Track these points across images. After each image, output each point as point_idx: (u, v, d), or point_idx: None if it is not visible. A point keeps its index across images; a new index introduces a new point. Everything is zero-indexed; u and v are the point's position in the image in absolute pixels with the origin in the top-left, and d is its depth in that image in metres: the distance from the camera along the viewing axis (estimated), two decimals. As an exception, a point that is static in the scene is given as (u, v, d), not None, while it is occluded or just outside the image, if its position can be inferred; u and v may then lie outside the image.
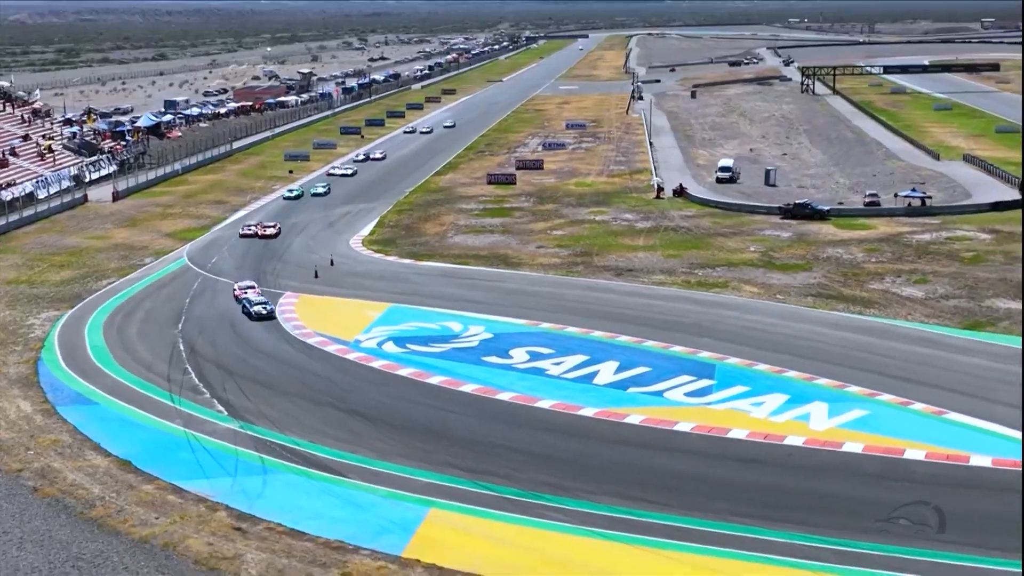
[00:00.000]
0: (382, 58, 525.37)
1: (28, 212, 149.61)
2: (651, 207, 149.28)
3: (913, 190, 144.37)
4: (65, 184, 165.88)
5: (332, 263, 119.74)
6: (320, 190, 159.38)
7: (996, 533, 56.46)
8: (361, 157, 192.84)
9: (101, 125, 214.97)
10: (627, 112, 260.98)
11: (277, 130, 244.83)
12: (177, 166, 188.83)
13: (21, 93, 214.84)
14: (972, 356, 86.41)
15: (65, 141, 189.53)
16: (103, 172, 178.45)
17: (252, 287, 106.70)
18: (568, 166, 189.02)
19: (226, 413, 77.65)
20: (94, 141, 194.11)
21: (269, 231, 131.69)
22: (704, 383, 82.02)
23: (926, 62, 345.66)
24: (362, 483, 66.25)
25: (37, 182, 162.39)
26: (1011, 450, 67.26)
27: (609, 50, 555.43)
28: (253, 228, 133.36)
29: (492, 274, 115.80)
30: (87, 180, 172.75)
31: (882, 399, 77.67)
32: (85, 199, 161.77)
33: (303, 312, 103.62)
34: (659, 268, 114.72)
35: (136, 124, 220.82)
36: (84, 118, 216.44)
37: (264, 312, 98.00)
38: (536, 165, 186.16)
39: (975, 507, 60.98)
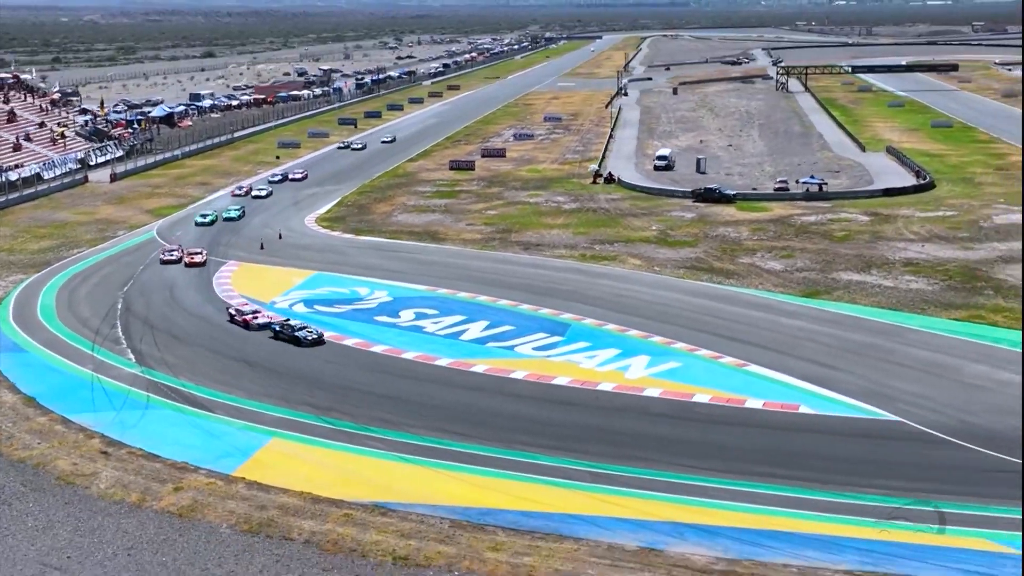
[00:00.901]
0: (409, 56, 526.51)
1: (29, 191, 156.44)
2: (584, 191, 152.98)
3: (812, 177, 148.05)
4: (70, 166, 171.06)
5: (280, 236, 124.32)
6: (233, 214, 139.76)
7: (756, 463, 62.35)
8: (278, 178, 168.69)
9: (115, 115, 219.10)
10: (607, 107, 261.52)
11: (281, 120, 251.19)
12: (178, 152, 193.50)
13: (41, 84, 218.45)
14: (796, 319, 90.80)
15: (78, 128, 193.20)
16: (108, 156, 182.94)
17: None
18: (529, 154, 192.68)
19: (134, 360, 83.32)
20: (105, 128, 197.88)
21: (196, 258, 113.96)
22: (554, 339, 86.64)
23: (904, 62, 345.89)
24: (224, 417, 72.07)
25: (44, 164, 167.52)
26: (782, 394, 74.19)
27: (620, 50, 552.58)
28: (176, 254, 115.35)
29: (416, 247, 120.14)
30: (92, 163, 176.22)
31: (698, 353, 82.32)
32: (86, 180, 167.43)
33: (237, 278, 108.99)
34: (564, 243, 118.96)
35: (150, 114, 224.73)
36: (98, 108, 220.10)
37: (313, 337, 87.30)
38: (499, 153, 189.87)
39: (742, 441, 66.62)
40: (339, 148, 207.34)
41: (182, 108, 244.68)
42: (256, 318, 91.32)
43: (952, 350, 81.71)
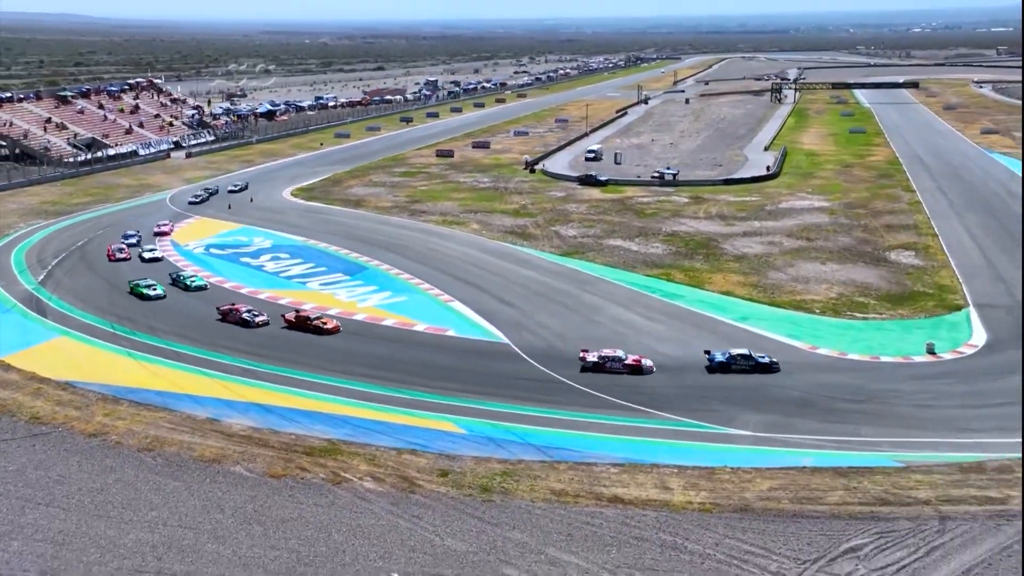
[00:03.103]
0: (524, 72, 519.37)
1: (113, 162, 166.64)
2: (510, 175, 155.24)
3: (667, 168, 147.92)
4: (164, 147, 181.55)
5: (251, 200, 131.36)
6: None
7: (429, 378, 65.19)
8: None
9: (217, 109, 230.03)
10: (618, 112, 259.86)
11: (363, 117, 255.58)
12: (254, 138, 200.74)
13: (167, 87, 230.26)
14: (530, 270, 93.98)
15: (185, 120, 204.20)
16: (200, 140, 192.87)
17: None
18: (508, 147, 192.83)
19: (37, 282, 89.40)
20: (207, 121, 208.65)
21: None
22: (343, 278, 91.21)
23: (900, 80, 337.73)
24: (43, 319, 78.16)
25: (141, 144, 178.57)
26: (447, 321, 78.30)
27: (694, 68, 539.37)
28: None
29: (337, 211, 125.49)
30: (184, 145, 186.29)
31: (432, 293, 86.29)
32: (167, 156, 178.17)
33: (186, 228, 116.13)
34: (444, 211, 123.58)
35: (255, 110, 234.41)
36: (205, 106, 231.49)
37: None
38: (485, 145, 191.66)
39: (441, 360, 68.93)
40: (368, 133, 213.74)
41: (282, 106, 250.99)
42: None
43: (612, 296, 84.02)
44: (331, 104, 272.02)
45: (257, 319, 74.53)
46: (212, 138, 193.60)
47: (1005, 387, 61.24)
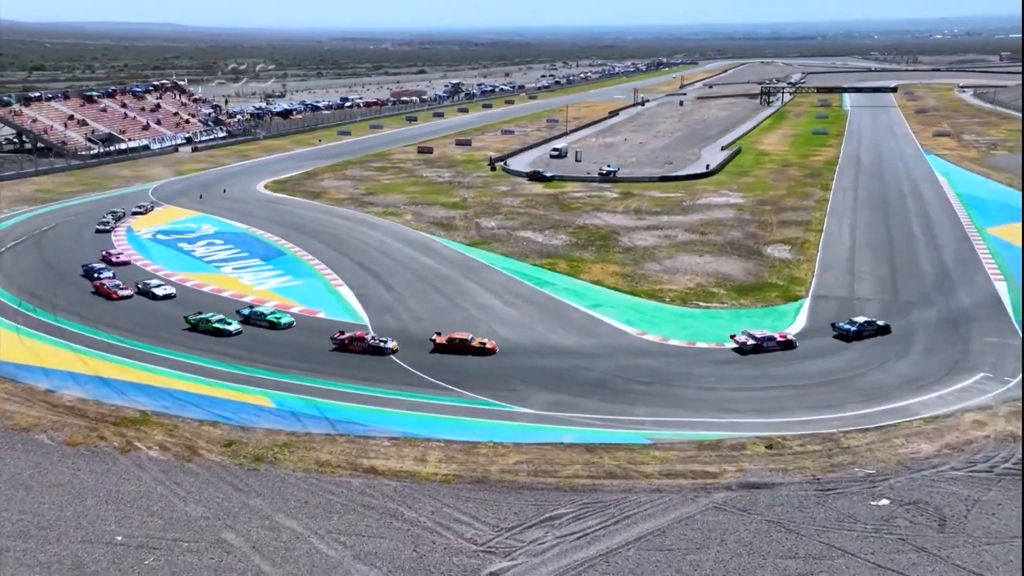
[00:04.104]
0: (550, 75, 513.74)
1: (121, 154, 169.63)
2: (470, 170, 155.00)
3: (608, 165, 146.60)
4: (176, 142, 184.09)
5: (224, 191, 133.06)
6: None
7: (270, 355, 65.39)
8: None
9: (235, 108, 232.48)
10: (610, 113, 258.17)
11: (368, 116, 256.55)
12: (261, 134, 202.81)
13: (189, 88, 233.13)
14: (429, 258, 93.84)
15: (202, 117, 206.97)
16: (212, 136, 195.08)
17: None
18: (487, 145, 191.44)
19: None
20: (222, 118, 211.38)
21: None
22: (257, 263, 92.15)
23: (893, 84, 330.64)
24: None
25: (154, 139, 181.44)
26: (323, 304, 78.32)
27: (707, 72, 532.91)
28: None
29: (292, 202, 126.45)
30: (197, 140, 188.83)
31: (328, 278, 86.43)
32: (175, 150, 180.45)
33: (152, 216, 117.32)
34: (388, 203, 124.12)
35: (273, 110, 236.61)
36: (223, 104, 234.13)
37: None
38: (467, 143, 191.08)
39: (292, 339, 69.54)
40: (371, 130, 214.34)
41: (298, 106, 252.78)
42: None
43: (489, 283, 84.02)
44: (347, 104, 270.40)
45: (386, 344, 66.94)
46: (224, 134, 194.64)
47: (787, 372, 60.76)
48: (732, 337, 65.69)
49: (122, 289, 77.97)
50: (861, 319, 67.35)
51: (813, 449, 49.67)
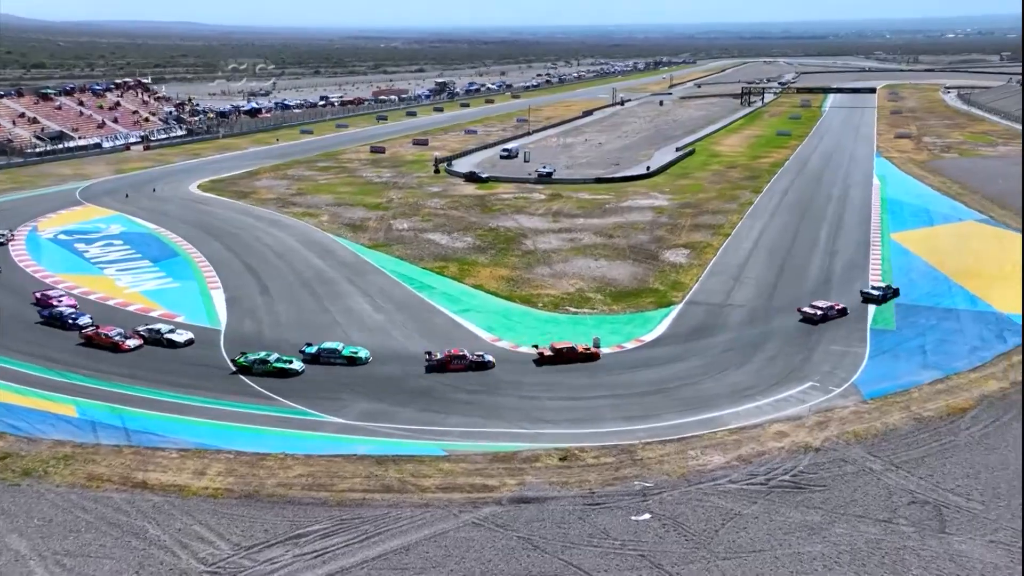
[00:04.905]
0: (547, 74, 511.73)
1: (66, 151, 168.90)
2: (412, 170, 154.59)
3: (544, 167, 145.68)
4: (130, 140, 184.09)
5: (154, 190, 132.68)
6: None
7: (104, 361, 65.15)
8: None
9: (204, 106, 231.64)
10: (584, 113, 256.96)
11: (336, 116, 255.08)
12: (221, 132, 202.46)
13: (154, 87, 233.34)
14: (322, 260, 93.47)
15: (163, 115, 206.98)
16: (172, 135, 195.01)
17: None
18: (446, 144, 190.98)
19: None
20: (183, 117, 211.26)
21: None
22: (145, 264, 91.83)
23: (876, 86, 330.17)
24: None
25: (107, 137, 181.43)
26: (183, 307, 77.35)
27: (704, 71, 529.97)
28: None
29: (217, 202, 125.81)
30: (153, 139, 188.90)
31: (207, 280, 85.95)
32: (127, 148, 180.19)
33: (66, 214, 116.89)
34: (311, 204, 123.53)
35: (241, 108, 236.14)
36: (187, 102, 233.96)
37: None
38: (423, 143, 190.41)
39: (152, 350, 68.16)
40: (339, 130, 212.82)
41: (268, 104, 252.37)
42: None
43: (368, 287, 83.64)
44: (320, 103, 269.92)
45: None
46: (184, 133, 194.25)
47: (618, 381, 59.93)
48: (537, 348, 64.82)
49: (129, 338, 68.32)
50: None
51: (605, 461, 48.78)
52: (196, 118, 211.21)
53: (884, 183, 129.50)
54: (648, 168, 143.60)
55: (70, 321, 70.52)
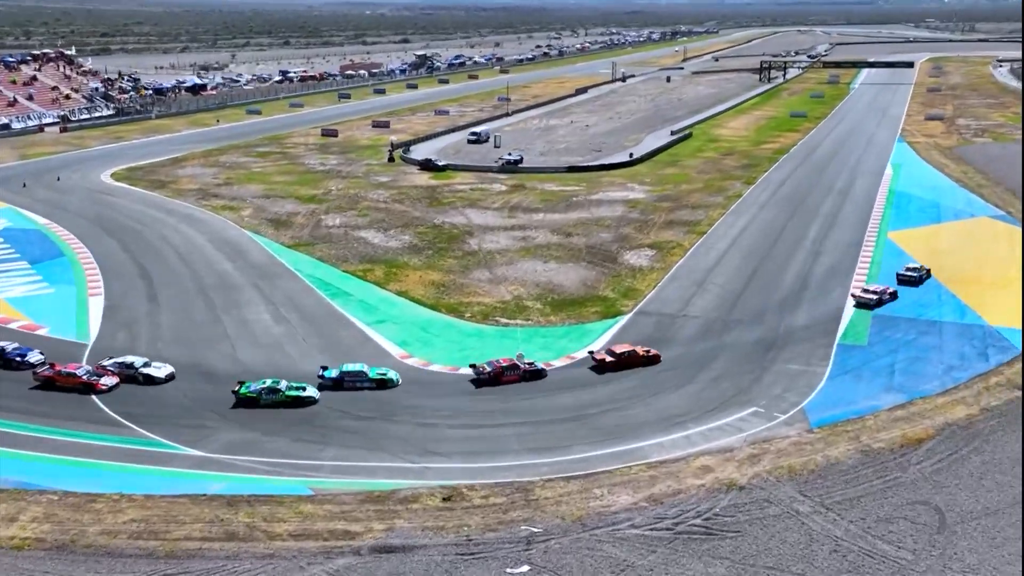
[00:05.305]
0: (548, 46, 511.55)
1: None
2: (369, 157, 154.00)
3: (509, 154, 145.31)
4: (45, 120, 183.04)
5: (58, 179, 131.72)
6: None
7: None
8: None
9: (145, 82, 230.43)
10: (577, 91, 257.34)
11: (292, 93, 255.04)
12: (154, 112, 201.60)
13: (79, 59, 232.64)
14: (234, 263, 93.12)
15: (87, 92, 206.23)
16: (96, 115, 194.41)
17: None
18: (411, 127, 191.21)
19: None
20: (112, 94, 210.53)
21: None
22: (22, 266, 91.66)
23: (919, 59, 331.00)
24: None
25: (18, 117, 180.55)
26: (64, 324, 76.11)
27: (728, 42, 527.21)
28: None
29: (129, 193, 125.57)
30: (73, 119, 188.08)
31: (90, 286, 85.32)
32: (40, 129, 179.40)
33: None
34: (236, 195, 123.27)
35: (183, 84, 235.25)
36: (116, 78, 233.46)
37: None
38: (384, 124, 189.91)
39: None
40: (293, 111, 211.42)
41: (214, 81, 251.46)
42: None
43: (275, 294, 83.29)
44: (277, 80, 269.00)
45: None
46: (111, 112, 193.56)
47: (533, 406, 58.83)
48: (472, 366, 64.45)
49: (102, 375, 63.50)
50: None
51: (495, 502, 47.69)
52: (126, 95, 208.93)
53: (897, 173, 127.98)
54: (631, 155, 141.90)
55: (17, 360, 65.40)
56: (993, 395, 57.51)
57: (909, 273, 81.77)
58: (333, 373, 62.76)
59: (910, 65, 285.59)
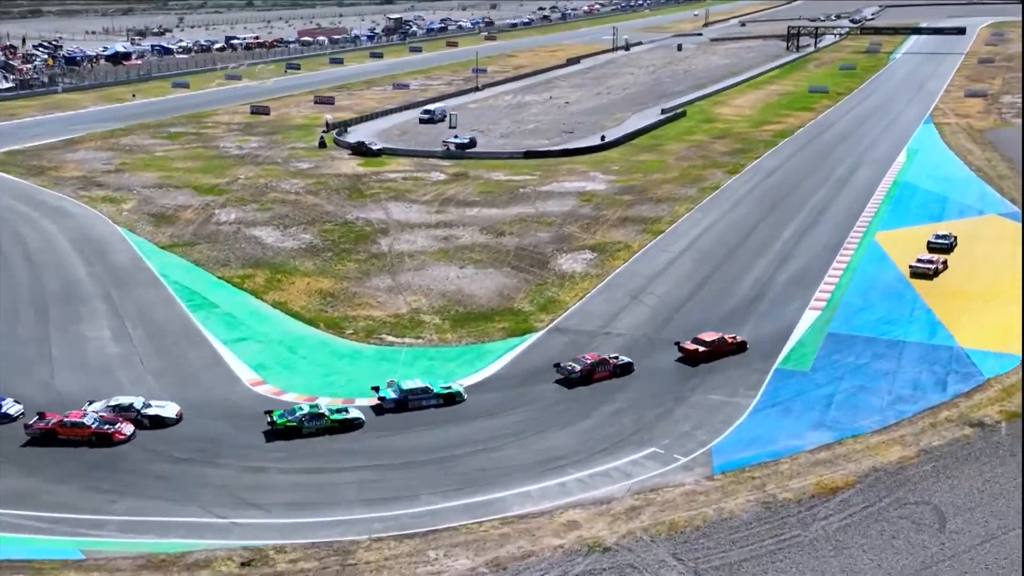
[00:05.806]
0: (551, 7, 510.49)
1: None
2: (296, 140, 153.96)
3: (456, 136, 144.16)
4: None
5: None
6: None
7: None
8: None
9: (37, 52, 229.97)
10: (568, 60, 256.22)
11: (234, 64, 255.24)
12: (59, 86, 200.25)
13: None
14: (92, 267, 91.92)
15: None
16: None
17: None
18: (360, 103, 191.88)
19: None
20: (13, 63, 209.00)
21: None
22: None
23: (980, 24, 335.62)
24: None
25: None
26: None
27: (759, 5, 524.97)
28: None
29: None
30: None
31: None
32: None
33: None
34: (124, 185, 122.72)
35: (101, 53, 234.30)
36: (20, 46, 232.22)
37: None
38: (328, 101, 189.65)
39: None
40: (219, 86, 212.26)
41: (138, 49, 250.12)
42: None
43: (129, 307, 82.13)
44: (219, 47, 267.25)
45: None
46: (9, 86, 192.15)
47: (388, 447, 56.89)
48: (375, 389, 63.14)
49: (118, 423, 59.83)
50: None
51: (303, 567, 45.39)
52: (30, 66, 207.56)
53: (910, 160, 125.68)
54: (603, 138, 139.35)
55: None
56: (938, 433, 54.72)
57: (939, 241, 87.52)
58: (391, 393, 61.57)
59: (962, 32, 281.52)
